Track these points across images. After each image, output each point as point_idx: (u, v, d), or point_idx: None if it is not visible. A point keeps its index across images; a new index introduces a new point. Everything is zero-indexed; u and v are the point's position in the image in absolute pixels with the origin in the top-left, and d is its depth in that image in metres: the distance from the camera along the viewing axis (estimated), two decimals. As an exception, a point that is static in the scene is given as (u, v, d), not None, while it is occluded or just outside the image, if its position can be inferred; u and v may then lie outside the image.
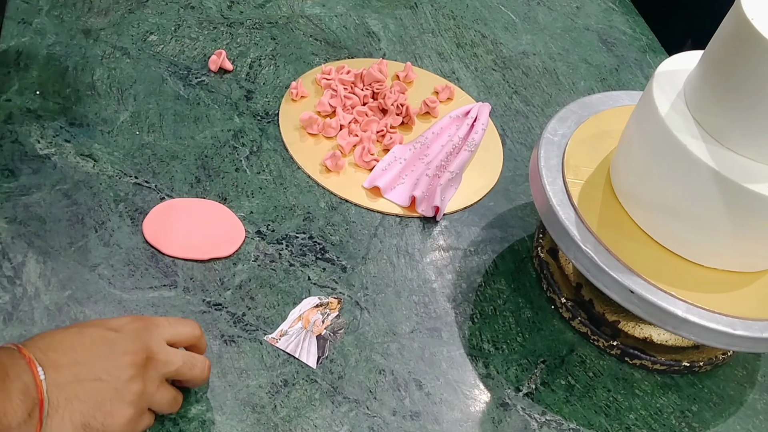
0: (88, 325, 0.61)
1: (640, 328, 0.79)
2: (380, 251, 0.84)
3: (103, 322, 0.62)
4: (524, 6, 1.26)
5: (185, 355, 0.63)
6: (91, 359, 0.58)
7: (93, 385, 0.57)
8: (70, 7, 1.02)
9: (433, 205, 0.87)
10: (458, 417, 0.72)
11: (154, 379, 0.61)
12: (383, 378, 0.73)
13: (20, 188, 0.80)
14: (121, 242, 0.78)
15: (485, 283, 0.83)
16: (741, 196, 0.67)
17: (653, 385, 0.78)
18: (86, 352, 0.58)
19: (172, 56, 0.99)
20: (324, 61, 1.05)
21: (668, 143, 0.69)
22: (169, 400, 0.63)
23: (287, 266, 0.80)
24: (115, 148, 0.86)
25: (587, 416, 0.74)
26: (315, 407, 0.69)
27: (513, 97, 1.07)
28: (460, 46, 1.14)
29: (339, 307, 0.77)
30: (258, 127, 0.93)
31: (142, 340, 0.60)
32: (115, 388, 0.58)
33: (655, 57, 1.21)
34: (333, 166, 0.90)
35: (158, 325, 0.63)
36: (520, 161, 0.98)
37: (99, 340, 0.59)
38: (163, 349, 0.62)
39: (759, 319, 0.70)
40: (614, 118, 0.85)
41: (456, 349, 0.77)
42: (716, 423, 0.77)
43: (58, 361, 0.57)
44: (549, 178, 0.77)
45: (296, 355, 0.72)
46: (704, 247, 0.73)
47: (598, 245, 0.72)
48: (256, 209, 0.84)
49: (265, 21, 1.09)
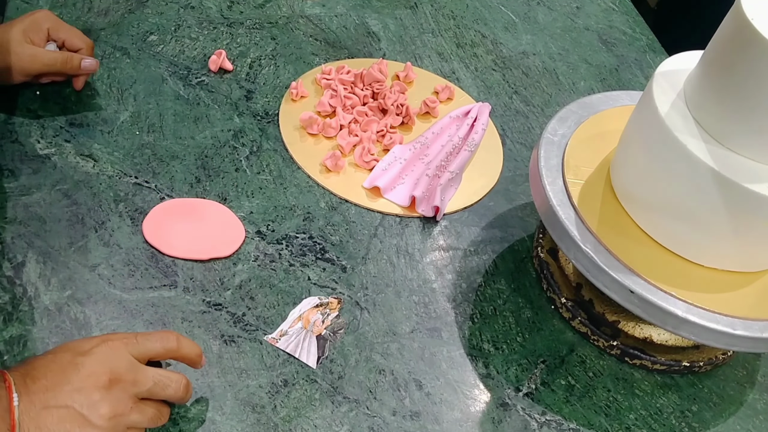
0: (61, 350, 0.61)
1: (640, 328, 0.79)
2: (380, 251, 0.84)
3: (77, 344, 0.61)
4: (524, 6, 1.26)
5: (158, 374, 0.62)
6: (59, 385, 0.58)
7: (61, 412, 0.57)
8: (70, 7, 1.02)
9: (433, 205, 0.87)
10: (458, 417, 0.72)
11: (123, 400, 0.59)
12: (383, 378, 0.73)
13: (20, 188, 0.80)
14: (121, 242, 0.78)
15: (485, 283, 0.83)
16: (741, 196, 0.67)
17: (653, 385, 0.78)
18: (55, 379, 0.58)
19: (172, 56, 0.99)
20: (324, 61, 1.05)
21: (668, 143, 0.69)
22: (150, 417, 0.61)
23: (287, 266, 0.80)
24: (115, 148, 0.86)
25: (587, 416, 0.74)
26: (315, 407, 0.69)
27: (513, 97, 1.07)
28: (460, 46, 1.14)
29: (339, 307, 0.77)
30: (258, 127, 0.93)
31: (107, 362, 0.60)
32: (81, 414, 0.58)
33: (655, 57, 1.21)
34: (333, 166, 0.90)
35: (127, 344, 0.61)
36: (520, 161, 0.98)
37: (67, 365, 0.59)
38: (133, 368, 0.60)
39: (759, 319, 0.70)
40: (614, 118, 0.85)
41: (456, 349, 0.77)
42: (716, 423, 0.77)
43: (30, 388, 0.57)
44: (549, 178, 0.77)
45: (296, 355, 0.72)
46: (704, 247, 0.73)
47: (598, 245, 0.72)
48: (256, 209, 0.84)
49: (265, 21, 1.09)
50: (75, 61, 0.87)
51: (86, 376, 0.59)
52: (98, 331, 0.70)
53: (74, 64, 0.87)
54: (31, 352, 0.67)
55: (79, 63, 0.87)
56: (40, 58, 0.85)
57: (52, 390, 0.58)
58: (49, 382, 0.58)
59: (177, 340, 0.64)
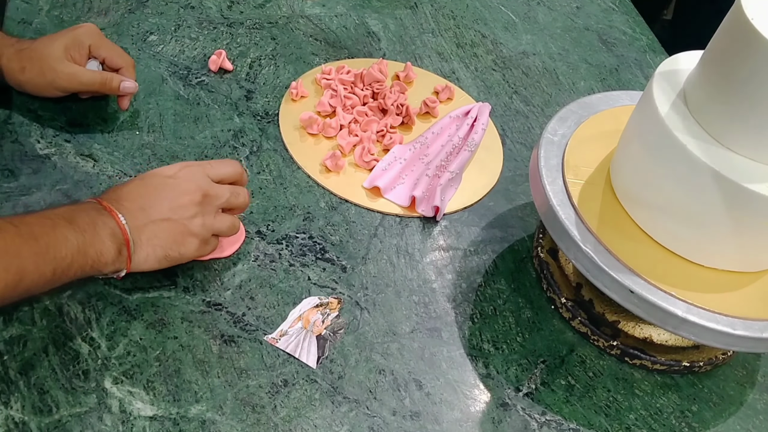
0: (147, 176, 0.73)
1: (640, 328, 0.79)
2: (380, 251, 0.84)
3: (160, 171, 0.73)
4: (524, 6, 1.26)
5: (230, 187, 0.75)
6: (157, 203, 0.70)
7: (164, 224, 0.70)
8: (70, 7, 1.02)
9: (433, 205, 0.87)
10: (458, 417, 0.72)
11: (210, 212, 0.73)
12: (383, 378, 0.73)
13: (20, 188, 0.80)
14: (121, 242, 0.78)
15: (485, 283, 0.83)
16: (741, 196, 0.67)
17: (653, 385, 0.78)
18: (152, 198, 0.70)
19: (172, 56, 0.99)
20: (324, 61, 1.05)
21: (668, 143, 0.69)
22: (228, 225, 0.74)
23: (287, 266, 0.80)
24: (115, 148, 0.86)
25: (587, 416, 0.74)
26: (315, 407, 0.69)
27: (513, 97, 1.07)
28: (460, 46, 1.14)
29: (339, 307, 0.77)
30: (258, 127, 0.93)
31: (195, 181, 0.72)
32: (183, 224, 0.71)
33: (655, 57, 1.21)
34: (333, 166, 0.90)
35: (205, 168, 0.74)
36: (520, 161, 0.98)
37: (160, 186, 0.71)
38: (213, 185, 0.73)
39: (759, 319, 0.70)
40: (614, 118, 0.85)
41: (456, 349, 0.77)
42: (716, 423, 0.77)
43: (131, 207, 0.69)
44: (549, 178, 0.77)
45: (296, 355, 0.72)
46: (704, 247, 0.73)
47: (598, 245, 0.72)
48: (256, 209, 0.84)
49: (265, 21, 1.09)
50: (114, 82, 0.86)
51: (181, 194, 0.71)
52: (99, 333, 0.70)
53: (113, 85, 0.86)
54: (31, 352, 0.67)
55: (118, 85, 0.86)
56: (79, 77, 0.84)
57: (152, 207, 0.70)
58: (145, 201, 0.70)
59: (241, 165, 0.77)
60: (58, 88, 0.85)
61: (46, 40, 0.84)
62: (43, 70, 0.83)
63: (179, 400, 0.67)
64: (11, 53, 0.83)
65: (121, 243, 0.68)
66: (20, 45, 0.84)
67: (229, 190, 0.75)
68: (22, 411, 0.63)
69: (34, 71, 0.83)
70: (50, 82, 0.84)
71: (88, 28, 0.87)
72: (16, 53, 0.83)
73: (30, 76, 0.83)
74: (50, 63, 0.83)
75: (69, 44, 0.84)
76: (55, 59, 0.83)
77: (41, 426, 0.63)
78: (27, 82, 0.84)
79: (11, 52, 0.83)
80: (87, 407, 0.65)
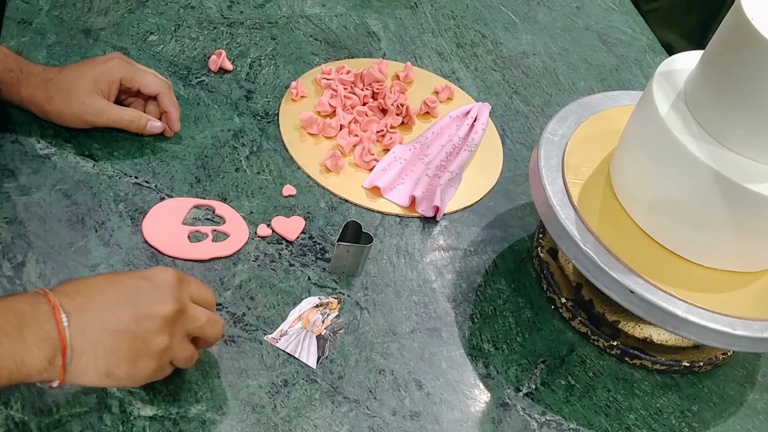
0: (118, 273, 0.62)
1: (640, 328, 0.79)
2: (380, 251, 0.84)
3: (135, 272, 0.62)
4: (524, 6, 1.26)
5: (209, 313, 0.64)
6: (120, 306, 0.58)
7: (119, 335, 0.57)
8: (70, 7, 1.02)
9: (433, 205, 0.87)
10: (458, 417, 0.72)
11: (179, 334, 0.61)
12: (383, 378, 0.73)
13: (20, 188, 0.80)
14: (121, 242, 0.78)
15: (485, 283, 0.83)
16: (741, 196, 0.67)
17: (653, 385, 0.78)
18: (116, 299, 0.58)
19: (172, 56, 0.99)
20: (324, 61, 1.05)
21: (668, 143, 0.69)
22: (186, 357, 0.63)
23: (287, 266, 0.80)
24: (115, 148, 0.86)
25: (587, 416, 0.74)
26: (315, 407, 0.69)
27: (513, 97, 1.07)
28: (460, 46, 1.14)
29: (339, 307, 0.77)
30: (258, 127, 0.93)
31: (174, 293, 0.60)
32: (143, 340, 0.58)
33: (655, 57, 1.21)
34: (333, 166, 0.90)
35: (189, 282, 0.63)
36: (520, 161, 0.98)
37: (131, 287, 0.59)
38: (191, 304, 0.62)
39: (759, 319, 0.70)
40: (614, 118, 0.85)
41: (456, 349, 0.77)
42: (716, 423, 0.77)
43: (85, 305, 0.57)
44: (549, 178, 0.77)
45: (296, 355, 0.72)
46: (704, 247, 0.73)
47: (598, 245, 0.72)
48: (256, 209, 0.84)
49: (265, 21, 1.09)
50: (142, 121, 0.85)
51: (154, 302, 0.59)
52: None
53: (140, 124, 0.85)
54: (31, 352, 0.67)
55: (146, 124, 0.85)
56: (107, 114, 0.83)
57: (112, 310, 0.57)
58: (108, 300, 0.58)
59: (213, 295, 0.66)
60: (85, 122, 0.83)
61: (74, 70, 0.83)
62: (71, 103, 0.81)
63: (179, 400, 0.67)
64: (37, 83, 0.81)
65: (56, 349, 0.55)
66: (47, 74, 0.82)
67: (207, 316, 0.63)
68: (22, 411, 0.63)
69: (61, 102, 0.81)
70: (77, 114, 0.82)
71: (118, 61, 0.84)
72: (42, 83, 0.81)
73: (58, 107, 0.82)
74: (79, 96, 0.81)
75: (99, 77, 0.82)
76: (85, 92, 0.81)
77: (41, 426, 0.63)
78: (54, 112, 0.82)
79: (37, 82, 0.81)
80: (87, 407, 0.65)
